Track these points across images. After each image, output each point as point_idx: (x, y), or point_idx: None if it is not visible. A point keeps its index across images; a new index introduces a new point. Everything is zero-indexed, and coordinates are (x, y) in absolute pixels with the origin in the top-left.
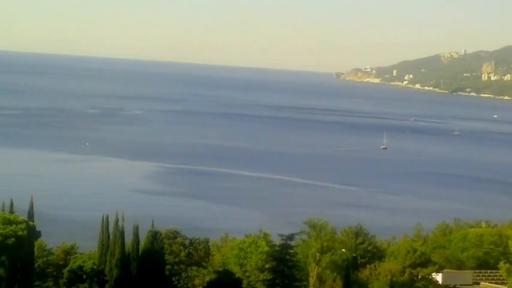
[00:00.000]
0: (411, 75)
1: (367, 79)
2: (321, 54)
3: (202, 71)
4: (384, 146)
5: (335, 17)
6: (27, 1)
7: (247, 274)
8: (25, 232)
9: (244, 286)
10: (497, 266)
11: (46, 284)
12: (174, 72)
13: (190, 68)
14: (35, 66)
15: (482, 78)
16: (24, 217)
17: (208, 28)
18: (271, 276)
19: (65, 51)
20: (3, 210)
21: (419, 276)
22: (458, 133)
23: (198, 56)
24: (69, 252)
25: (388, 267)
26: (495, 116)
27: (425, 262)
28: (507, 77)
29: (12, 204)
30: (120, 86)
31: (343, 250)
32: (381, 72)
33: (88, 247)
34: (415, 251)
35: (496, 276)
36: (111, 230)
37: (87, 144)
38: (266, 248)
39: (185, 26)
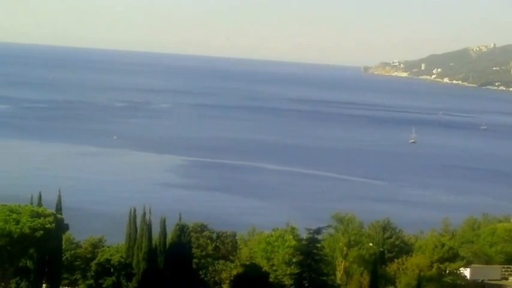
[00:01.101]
0: (439, 69)
1: (395, 73)
2: (349, 48)
3: (232, 64)
4: (412, 140)
5: (363, 11)
6: None
7: (274, 268)
8: (53, 225)
9: (271, 280)
10: None
11: (74, 277)
12: (203, 66)
13: (221, 62)
14: (64, 59)
15: None
16: (52, 210)
17: (238, 23)
18: (298, 270)
19: (95, 45)
20: (31, 203)
21: (447, 271)
22: (485, 127)
23: (227, 50)
24: (96, 245)
25: (416, 261)
26: None
27: (453, 257)
28: None
29: (40, 197)
30: (148, 80)
31: (371, 244)
32: (409, 66)
33: (115, 240)
34: (443, 245)
35: None
36: (138, 223)
37: (115, 137)
38: (293, 242)
39: (209, 21)
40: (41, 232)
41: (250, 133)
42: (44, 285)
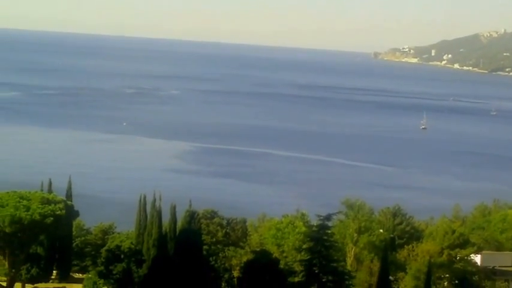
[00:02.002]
0: (450, 55)
1: (405, 59)
2: (359, 34)
3: (242, 51)
4: (423, 126)
5: None
6: None
7: (284, 254)
8: (63, 212)
9: (282, 266)
10: None
11: (84, 263)
12: (213, 52)
13: (232, 48)
14: (74, 46)
15: None
16: (63, 196)
17: (250, 13)
18: (308, 257)
19: (105, 32)
20: (41, 190)
21: (458, 258)
22: (495, 113)
23: (240, 37)
24: (107, 231)
25: (426, 248)
26: None
27: (463, 243)
28: None
29: (50, 183)
30: (158, 66)
31: (381, 231)
32: (419, 52)
33: (125, 227)
34: (453, 232)
35: None
36: (148, 210)
37: (124, 124)
38: (303, 229)
39: (220, 11)
40: (51, 219)
41: (260, 119)
42: (54, 271)
